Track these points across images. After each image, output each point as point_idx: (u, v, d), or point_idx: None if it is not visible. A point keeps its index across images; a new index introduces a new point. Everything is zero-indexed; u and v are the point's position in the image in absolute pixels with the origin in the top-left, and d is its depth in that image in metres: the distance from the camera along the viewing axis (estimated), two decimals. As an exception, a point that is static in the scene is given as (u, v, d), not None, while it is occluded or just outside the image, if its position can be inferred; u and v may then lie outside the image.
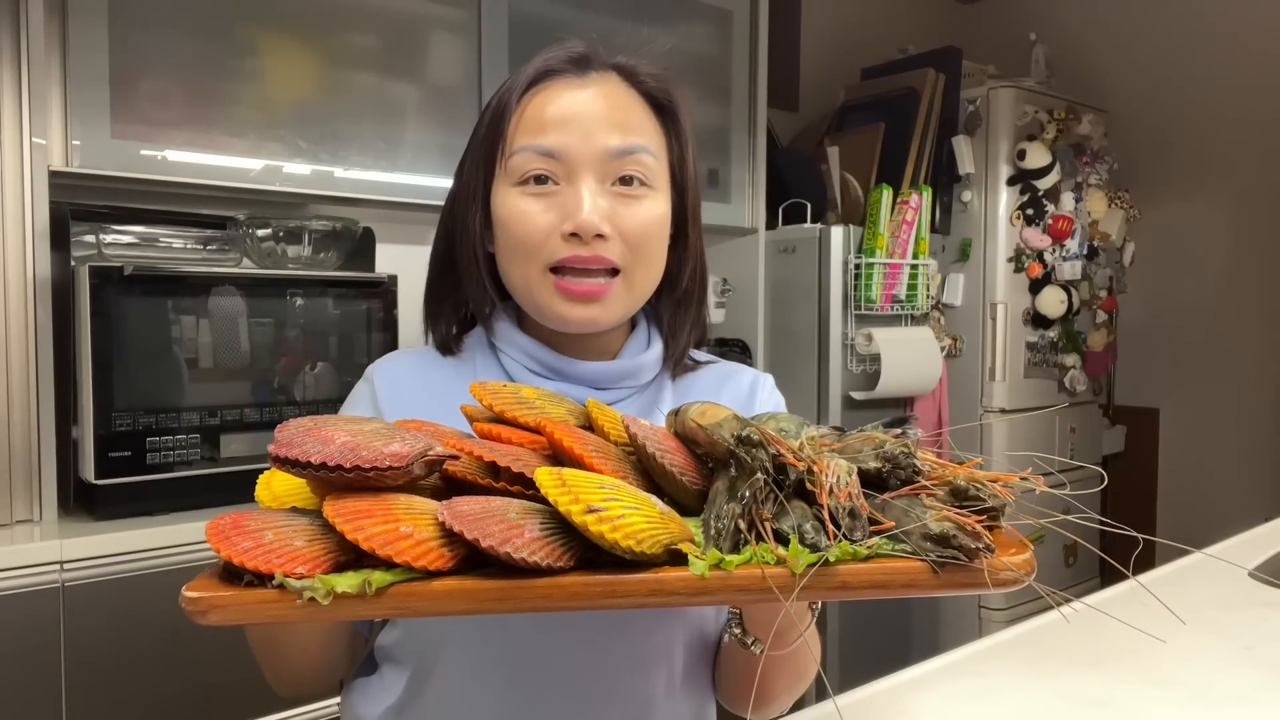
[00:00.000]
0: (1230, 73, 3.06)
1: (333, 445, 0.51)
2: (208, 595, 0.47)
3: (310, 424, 0.59)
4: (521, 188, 0.75)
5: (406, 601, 0.48)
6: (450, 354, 0.83)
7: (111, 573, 1.36)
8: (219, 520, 0.50)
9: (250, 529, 0.49)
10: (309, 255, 1.76)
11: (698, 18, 2.34)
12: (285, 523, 0.51)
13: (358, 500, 0.50)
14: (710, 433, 0.54)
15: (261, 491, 0.58)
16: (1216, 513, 3.07)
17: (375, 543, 0.47)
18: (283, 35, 1.69)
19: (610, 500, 0.49)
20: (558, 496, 0.48)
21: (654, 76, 0.80)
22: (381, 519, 0.49)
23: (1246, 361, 3.08)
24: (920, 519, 0.49)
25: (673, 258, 0.83)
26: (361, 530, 0.47)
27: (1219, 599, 1.17)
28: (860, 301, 2.45)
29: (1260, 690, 0.90)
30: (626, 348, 0.83)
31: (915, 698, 0.91)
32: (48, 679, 1.31)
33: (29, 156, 1.41)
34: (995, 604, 2.75)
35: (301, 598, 0.46)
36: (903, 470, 0.53)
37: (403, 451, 0.51)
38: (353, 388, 0.84)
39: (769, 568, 0.48)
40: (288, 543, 0.49)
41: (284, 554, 0.48)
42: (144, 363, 1.46)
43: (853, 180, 2.65)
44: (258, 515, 0.51)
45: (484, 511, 0.49)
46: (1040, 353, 2.83)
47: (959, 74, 2.76)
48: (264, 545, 0.48)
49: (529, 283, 0.76)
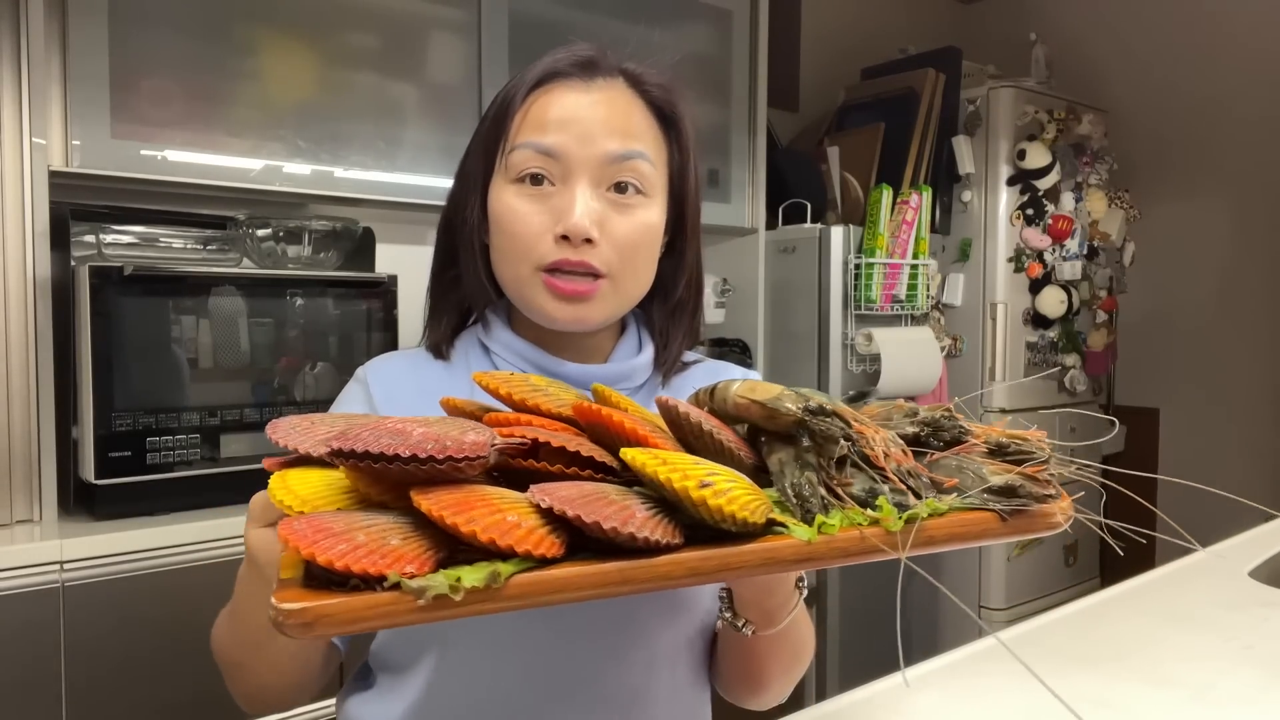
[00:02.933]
0: (1230, 73, 3.05)
1: (412, 437, 0.48)
2: (312, 605, 0.42)
3: (309, 426, 0.58)
4: (518, 185, 0.76)
5: (529, 591, 0.45)
6: (441, 357, 0.83)
7: (111, 573, 1.36)
8: (293, 524, 0.45)
9: (337, 531, 0.45)
10: (309, 255, 1.77)
11: (698, 18, 2.34)
12: (368, 522, 0.47)
13: (451, 493, 0.46)
14: (772, 406, 0.54)
15: (284, 494, 0.52)
16: (1216, 513, 3.07)
17: (494, 533, 0.44)
18: (283, 35, 1.69)
19: (713, 475, 0.49)
20: (668, 474, 0.47)
21: (660, 85, 0.81)
22: (486, 509, 0.46)
23: (1246, 361, 3.08)
24: (977, 473, 0.54)
25: (667, 266, 0.84)
26: (475, 521, 0.44)
27: (1219, 599, 1.17)
28: (860, 301, 2.45)
29: (1260, 690, 0.90)
30: (617, 351, 0.84)
31: (915, 698, 0.91)
32: (48, 679, 1.31)
33: (29, 156, 1.41)
34: (995, 604, 2.75)
35: (422, 597, 0.43)
36: (947, 432, 0.58)
37: (480, 440, 0.49)
38: (343, 388, 0.84)
39: (866, 529, 0.50)
40: (384, 542, 0.45)
41: (388, 554, 0.44)
42: (144, 363, 1.46)
43: (853, 180, 2.65)
44: (334, 518, 0.47)
45: (588, 494, 0.48)
46: (1040, 353, 2.83)
47: (959, 74, 2.76)
48: (361, 546, 0.44)
49: (519, 280, 0.77)
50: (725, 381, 0.60)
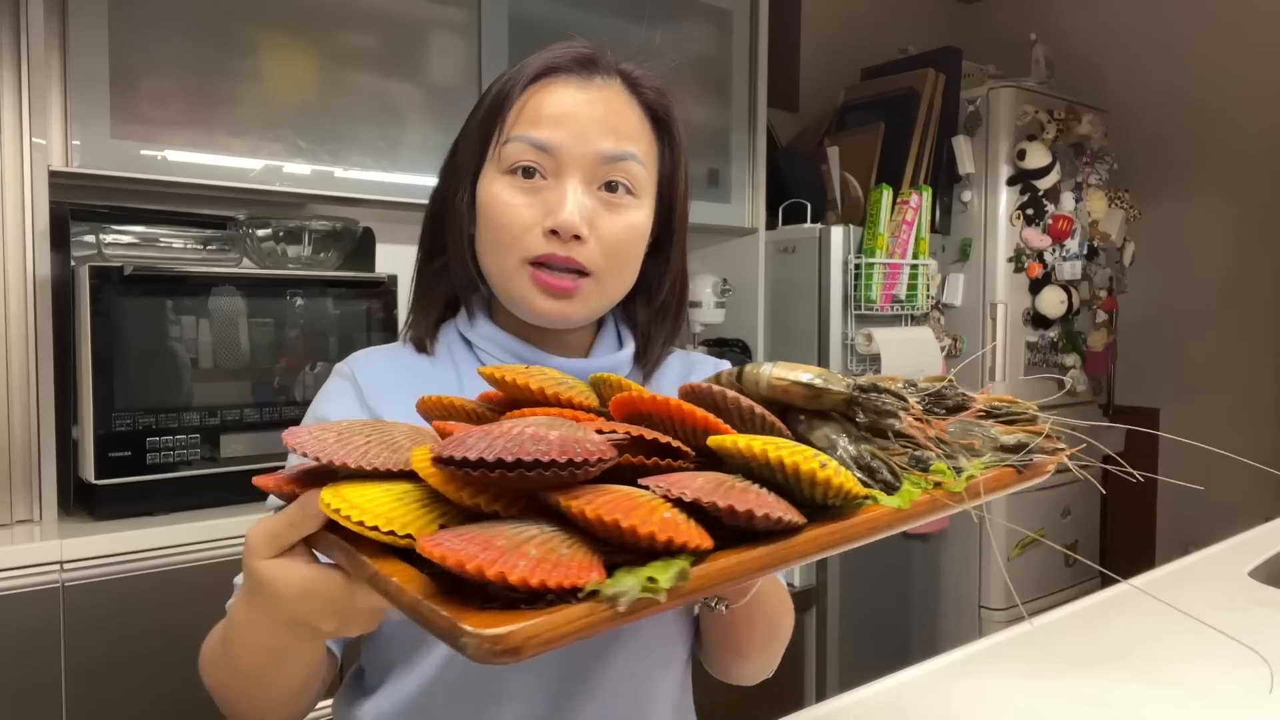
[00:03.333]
0: (1230, 73, 3.05)
1: (546, 441, 0.45)
2: (518, 629, 0.39)
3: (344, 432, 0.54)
4: (509, 177, 0.76)
5: (704, 584, 0.44)
6: (425, 351, 0.84)
7: (111, 573, 1.36)
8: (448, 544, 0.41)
9: (500, 545, 0.42)
10: (309, 255, 1.77)
11: (698, 18, 2.34)
12: (525, 534, 0.43)
13: (595, 494, 0.44)
14: (821, 386, 0.57)
15: (351, 510, 0.47)
16: (1216, 513, 3.07)
17: (670, 531, 0.43)
18: (283, 35, 1.69)
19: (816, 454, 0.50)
20: (787, 455, 0.48)
21: (655, 89, 0.81)
22: (642, 509, 0.43)
23: (1247, 362, 3.08)
24: (989, 436, 0.60)
25: (653, 267, 0.85)
26: (647, 522, 0.42)
27: (1219, 599, 1.17)
28: (860, 301, 2.45)
29: (1260, 690, 0.90)
30: (597, 346, 0.86)
31: (915, 698, 0.91)
32: (48, 679, 1.31)
33: (29, 156, 1.41)
34: (995, 604, 2.75)
35: (620, 604, 0.41)
36: (950, 400, 0.62)
37: (604, 441, 0.47)
38: (323, 385, 0.83)
39: (934, 492, 0.54)
40: (556, 552, 0.42)
41: (568, 564, 0.41)
42: (144, 363, 1.46)
43: (853, 180, 2.65)
44: (483, 532, 0.43)
45: (718, 483, 0.47)
46: (1040, 353, 2.83)
47: (959, 74, 2.76)
48: (541, 560, 0.41)
49: (505, 272, 0.77)
50: (750, 366, 0.61)
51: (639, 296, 0.86)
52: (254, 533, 0.54)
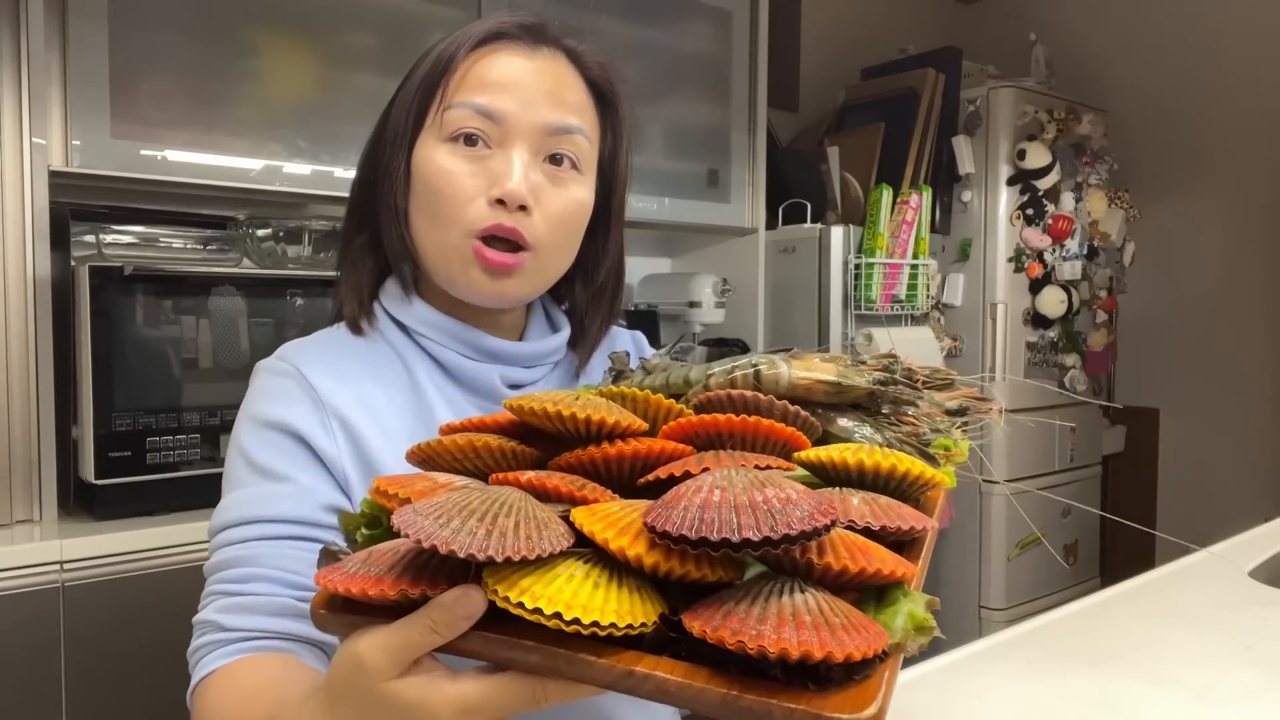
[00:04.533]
0: (1230, 73, 3.06)
1: (755, 513, 0.40)
2: (879, 701, 0.38)
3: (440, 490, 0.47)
4: (451, 145, 0.72)
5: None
6: (360, 334, 0.78)
7: (111, 573, 1.36)
8: (718, 623, 0.39)
9: (767, 620, 0.39)
10: (309, 255, 1.76)
11: (698, 18, 2.34)
12: (774, 605, 0.40)
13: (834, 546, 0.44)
14: (844, 383, 0.59)
15: (544, 604, 0.41)
16: (1216, 513, 3.07)
17: (902, 567, 0.45)
18: (283, 35, 1.69)
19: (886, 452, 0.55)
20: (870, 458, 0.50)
21: (599, 65, 0.79)
22: (869, 551, 0.44)
23: (1246, 361, 3.08)
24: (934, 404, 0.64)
25: (590, 248, 0.82)
26: (885, 563, 0.43)
27: (1219, 599, 1.17)
28: (860, 301, 2.45)
29: (1260, 690, 0.90)
30: (530, 329, 0.83)
31: (915, 698, 0.91)
32: (48, 679, 1.31)
33: (29, 156, 1.41)
34: (995, 604, 2.75)
35: (908, 650, 0.42)
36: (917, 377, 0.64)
37: (805, 508, 0.41)
38: (251, 386, 0.74)
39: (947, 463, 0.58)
40: (821, 616, 0.39)
41: (847, 628, 0.39)
42: (144, 363, 1.46)
43: (853, 180, 2.65)
44: (730, 607, 0.40)
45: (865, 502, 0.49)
46: (1040, 353, 2.83)
47: (959, 74, 2.76)
48: (819, 627, 0.39)
49: (446, 246, 0.72)
50: (766, 364, 0.59)
51: (577, 278, 0.84)
52: (370, 650, 0.44)
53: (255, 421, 0.71)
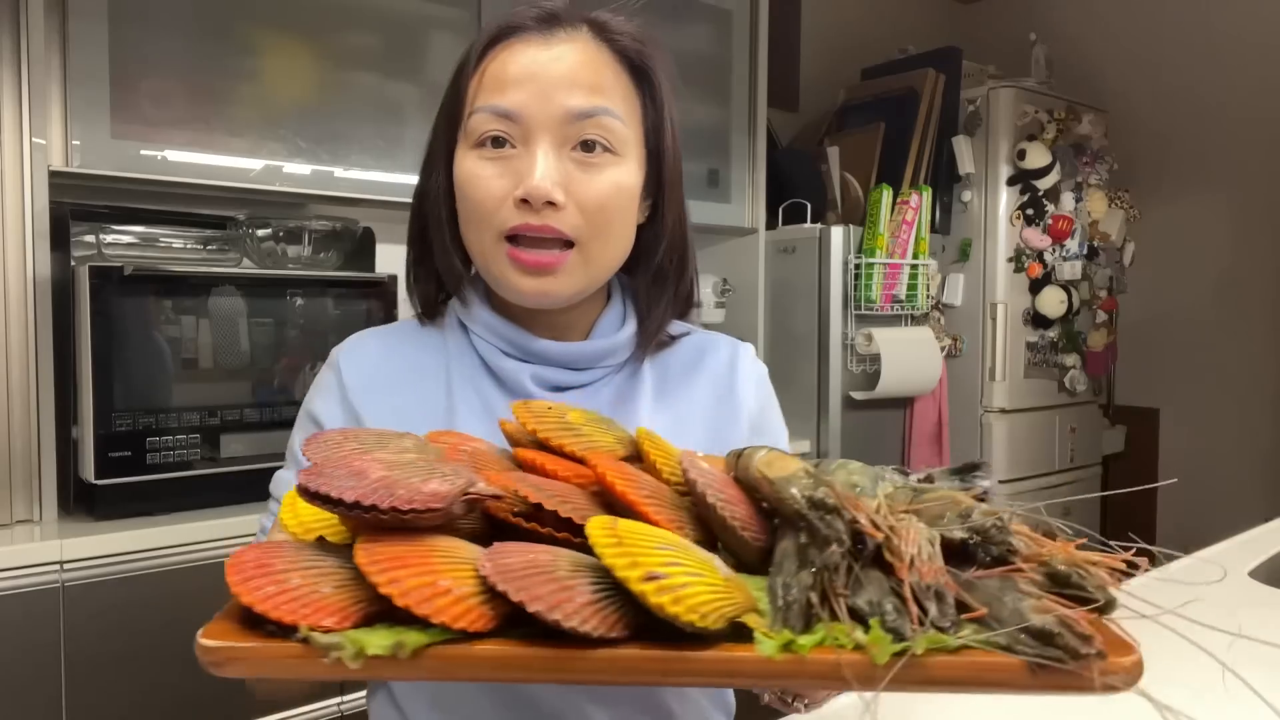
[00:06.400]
0: (1230, 73, 3.05)
1: (367, 480, 0.46)
2: (226, 646, 0.43)
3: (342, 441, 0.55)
4: (479, 150, 0.71)
5: (445, 666, 0.43)
6: (430, 322, 0.81)
7: (111, 573, 1.36)
8: (241, 557, 0.45)
9: (275, 570, 0.44)
10: (309, 255, 1.76)
11: (697, 18, 2.34)
12: (313, 563, 0.46)
13: (393, 545, 0.45)
14: (778, 489, 0.49)
15: (287, 517, 0.52)
16: (1216, 513, 3.07)
17: (411, 599, 0.42)
18: (283, 35, 1.69)
19: (671, 565, 0.44)
20: (614, 559, 0.43)
21: (629, 35, 0.75)
22: (419, 569, 0.44)
23: (1246, 361, 3.08)
24: (1016, 606, 0.43)
25: (648, 231, 0.79)
26: (397, 583, 0.43)
27: (1219, 599, 1.17)
28: (860, 301, 2.45)
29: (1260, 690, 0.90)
30: (599, 326, 0.80)
31: (915, 697, 0.91)
32: (48, 679, 1.30)
33: (29, 156, 1.41)
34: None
35: (327, 656, 0.42)
36: (995, 546, 0.46)
37: (443, 491, 0.47)
38: (318, 374, 0.81)
39: (846, 654, 0.42)
40: (314, 589, 0.44)
41: (311, 602, 0.43)
42: (144, 363, 1.46)
43: (853, 180, 2.65)
44: (284, 553, 0.46)
45: (530, 567, 0.44)
46: (1040, 353, 2.83)
47: (959, 74, 2.76)
48: (289, 591, 0.43)
49: (484, 251, 0.72)
50: (753, 448, 0.54)
51: (638, 265, 0.80)
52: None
53: (303, 408, 0.79)
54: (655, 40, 0.77)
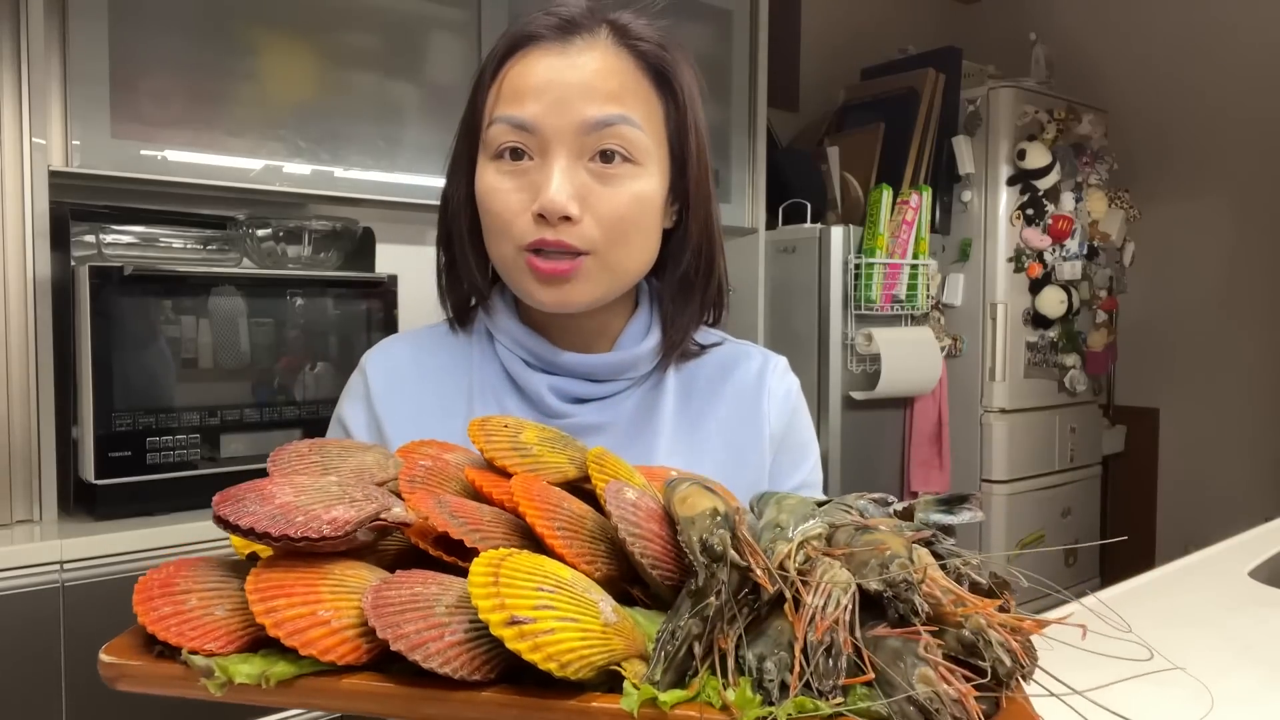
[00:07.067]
0: (1230, 73, 3.05)
1: (269, 506, 0.47)
2: (119, 663, 0.46)
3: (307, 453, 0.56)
4: (497, 163, 0.71)
5: (310, 698, 0.44)
6: (461, 329, 0.81)
7: (111, 573, 1.36)
8: (150, 578, 0.47)
9: (176, 591, 0.46)
10: (309, 255, 1.76)
11: (698, 18, 2.34)
12: (216, 584, 0.47)
13: (285, 571, 0.46)
14: (682, 529, 0.46)
15: (236, 538, 0.52)
16: (1216, 513, 3.07)
17: (283, 630, 0.43)
18: (283, 35, 1.69)
19: (543, 609, 0.42)
20: (481, 600, 0.42)
21: (650, 39, 0.73)
22: (302, 599, 0.44)
23: (1246, 361, 3.08)
24: (909, 672, 0.41)
25: (674, 236, 0.78)
26: (273, 613, 0.43)
27: (1219, 599, 1.17)
28: (860, 301, 2.45)
29: (1260, 690, 0.90)
30: (625, 335, 0.79)
31: (915, 698, 0.91)
32: (48, 679, 1.31)
33: (29, 156, 1.41)
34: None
35: (200, 681, 0.43)
36: (901, 604, 0.44)
37: (344, 518, 0.46)
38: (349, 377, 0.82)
39: (710, 713, 0.40)
40: (208, 611, 0.46)
41: (200, 625, 0.45)
42: (144, 363, 1.46)
43: (853, 180, 2.65)
44: (193, 572, 0.48)
45: (411, 601, 0.44)
46: (1040, 353, 2.83)
47: (959, 74, 2.76)
48: (182, 613, 0.45)
49: (505, 261, 0.73)
50: (677, 480, 0.52)
51: (666, 271, 0.79)
52: None
53: (334, 412, 0.81)
54: (678, 43, 0.75)
